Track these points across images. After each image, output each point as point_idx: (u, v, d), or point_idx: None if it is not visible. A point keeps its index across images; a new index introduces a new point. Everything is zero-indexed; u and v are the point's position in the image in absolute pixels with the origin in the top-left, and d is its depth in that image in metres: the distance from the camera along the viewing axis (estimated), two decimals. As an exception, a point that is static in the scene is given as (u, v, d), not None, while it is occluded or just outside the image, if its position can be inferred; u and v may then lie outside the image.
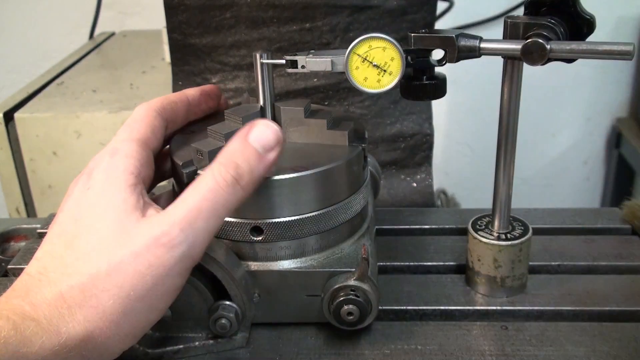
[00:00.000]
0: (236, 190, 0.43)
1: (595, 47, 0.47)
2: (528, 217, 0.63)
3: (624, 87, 1.66)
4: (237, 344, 0.51)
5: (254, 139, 0.45)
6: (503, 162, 0.55)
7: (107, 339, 0.40)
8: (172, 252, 0.41)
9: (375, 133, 0.83)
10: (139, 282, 0.40)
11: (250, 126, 0.45)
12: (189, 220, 0.41)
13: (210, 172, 0.43)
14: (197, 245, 0.42)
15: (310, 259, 0.51)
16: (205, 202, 0.42)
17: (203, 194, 0.42)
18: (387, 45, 0.49)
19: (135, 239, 0.41)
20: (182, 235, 0.41)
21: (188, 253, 0.41)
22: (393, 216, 0.69)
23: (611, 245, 0.63)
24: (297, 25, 0.75)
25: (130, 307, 0.40)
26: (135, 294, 0.40)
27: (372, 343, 0.51)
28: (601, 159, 1.74)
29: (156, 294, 0.41)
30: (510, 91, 0.53)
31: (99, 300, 0.40)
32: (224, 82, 0.80)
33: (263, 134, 0.45)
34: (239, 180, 0.43)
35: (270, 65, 0.52)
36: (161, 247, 0.41)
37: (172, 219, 0.41)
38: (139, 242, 0.41)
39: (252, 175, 0.44)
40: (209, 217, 0.42)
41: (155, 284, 0.41)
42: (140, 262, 0.40)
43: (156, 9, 0.81)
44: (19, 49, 1.61)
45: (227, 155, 0.44)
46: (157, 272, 0.41)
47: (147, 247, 0.41)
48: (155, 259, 0.40)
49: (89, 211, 0.43)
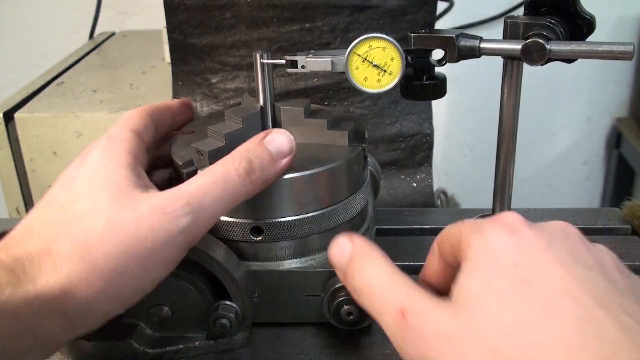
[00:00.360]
0: (246, 182, 0.44)
1: (595, 47, 0.47)
2: (528, 217, 0.62)
3: (624, 87, 1.66)
4: (237, 344, 0.51)
5: (269, 142, 0.46)
6: (503, 162, 0.55)
7: (93, 296, 0.39)
8: (177, 222, 0.40)
9: (375, 133, 0.83)
10: (137, 242, 0.39)
11: (266, 132, 0.47)
12: (197, 196, 0.42)
13: (223, 162, 0.44)
14: (200, 222, 0.42)
15: (310, 259, 0.51)
16: (215, 185, 0.42)
17: (214, 177, 0.43)
18: (387, 45, 0.49)
19: (139, 204, 0.41)
20: (187, 207, 0.41)
21: (191, 227, 0.41)
22: (393, 216, 0.69)
23: (611, 245, 0.62)
24: (297, 25, 0.75)
25: (123, 266, 0.39)
26: (131, 253, 0.39)
27: (372, 343, 0.51)
28: (601, 159, 1.74)
29: (152, 260, 0.40)
30: (510, 91, 0.53)
31: (90, 255, 0.38)
32: (224, 82, 0.80)
33: (278, 139, 0.47)
34: (250, 174, 0.44)
35: (270, 65, 0.52)
36: (166, 215, 0.40)
37: (180, 192, 0.42)
38: (144, 207, 0.40)
39: (263, 173, 0.45)
40: (217, 199, 0.42)
41: (153, 249, 0.40)
42: (142, 224, 0.40)
43: (156, 9, 0.80)
44: (19, 49, 1.61)
45: (241, 150, 0.45)
46: (158, 236, 0.40)
47: (151, 213, 0.40)
48: (159, 224, 0.40)
49: (86, 183, 0.42)
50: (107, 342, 0.49)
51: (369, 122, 0.82)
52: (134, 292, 0.41)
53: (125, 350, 0.49)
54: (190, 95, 0.83)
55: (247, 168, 0.44)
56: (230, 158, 0.44)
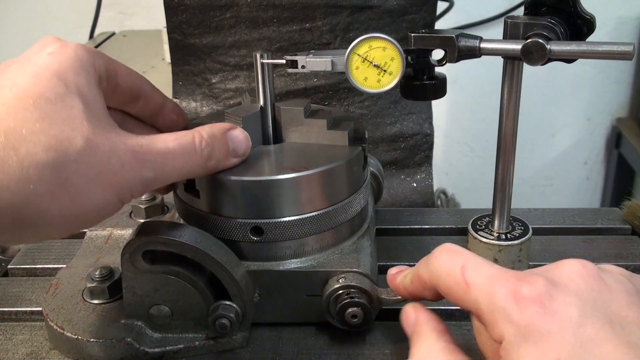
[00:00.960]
0: (201, 166, 0.46)
1: (595, 47, 0.47)
2: (528, 217, 0.63)
3: (624, 87, 1.66)
4: (237, 344, 0.51)
5: (231, 138, 0.48)
6: (503, 162, 0.55)
7: (53, 210, 0.39)
8: (142, 171, 0.42)
9: (375, 133, 0.83)
10: (107, 172, 0.40)
11: (231, 127, 0.49)
12: (162, 160, 0.43)
13: (192, 139, 0.45)
14: (153, 184, 0.43)
15: (310, 259, 0.51)
16: (180, 157, 0.44)
17: (182, 149, 0.44)
18: (387, 45, 0.49)
19: (114, 137, 0.41)
20: (154, 164, 0.43)
21: (148, 183, 0.43)
22: (393, 216, 0.69)
23: (611, 245, 0.63)
24: (297, 25, 0.75)
25: (87, 189, 0.40)
26: (98, 181, 0.40)
27: (372, 343, 0.51)
28: (601, 159, 1.74)
29: (110, 192, 0.41)
30: (510, 91, 0.53)
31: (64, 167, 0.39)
32: (224, 82, 0.80)
33: (239, 139, 0.49)
34: (208, 160, 0.46)
35: (270, 65, 0.52)
36: (137, 160, 0.42)
37: (150, 148, 0.43)
38: (119, 143, 0.41)
39: (215, 164, 0.47)
40: (174, 170, 0.44)
41: (114, 184, 0.41)
42: (115, 157, 0.41)
43: (156, 9, 0.81)
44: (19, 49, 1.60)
45: (208, 134, 0.46)
46: (124, 175, 0.41)
47: (125, 151, 0.41)
48: (129, 166, 0.41)
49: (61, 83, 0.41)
50: (107, 342, 0.49)
51: (369, 122, 0.82)
52: (88, 205, 0.41)
53: (125, 350, 0.49)
54: (190, 95, 0.83)
55: (209, 153, 0.46)
56: (199, 138, 0.46)
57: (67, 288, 0.53)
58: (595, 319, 0.34)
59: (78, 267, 0.56)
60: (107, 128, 0.42)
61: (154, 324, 0.50)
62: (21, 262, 0.62)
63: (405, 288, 0.45)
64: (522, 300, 0.35)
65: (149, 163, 0.42)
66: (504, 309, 0.35)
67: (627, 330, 0.34)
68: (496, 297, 0.36)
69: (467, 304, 0.38)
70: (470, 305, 0.38)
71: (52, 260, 0.62)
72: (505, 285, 0.36)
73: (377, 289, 0.50)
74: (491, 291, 0.37)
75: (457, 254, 0.40)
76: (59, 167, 0.38)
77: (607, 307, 0.35)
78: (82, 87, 0.42)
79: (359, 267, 0.50)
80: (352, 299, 0.49)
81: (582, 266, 0.37)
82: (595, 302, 0.35)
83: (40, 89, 0.40)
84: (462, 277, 0.39)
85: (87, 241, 0.60)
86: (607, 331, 0.33)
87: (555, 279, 0.36)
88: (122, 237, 0.59)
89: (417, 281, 0.43)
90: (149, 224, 0.48)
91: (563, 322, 0.34)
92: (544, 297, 0.35)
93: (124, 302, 0.50)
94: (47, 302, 0.52)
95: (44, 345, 0.52)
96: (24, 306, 0.56)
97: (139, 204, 0.61)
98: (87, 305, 0.52)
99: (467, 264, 0.39)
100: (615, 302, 0.35)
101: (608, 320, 0.34)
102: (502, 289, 0.36)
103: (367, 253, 0.53)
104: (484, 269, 0.38)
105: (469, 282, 0.38)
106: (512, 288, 0.36)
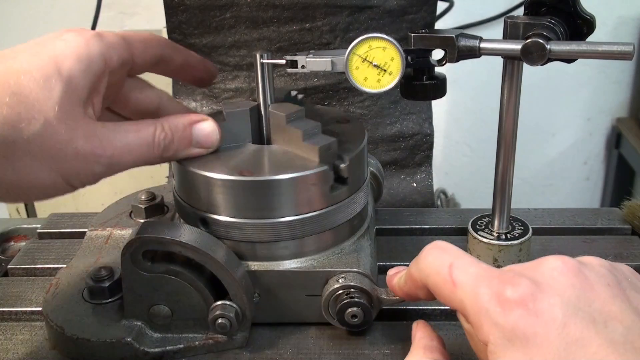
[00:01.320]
0: (157, 155, 0.48)
1: (595, 47, 0.47)
2: (528, 217, 0.63)
3: (624, 87, 1.66)
4: (237, 344, 0.51)
5: (197, 130, 0.50)
6: (503, 162, 0.55)
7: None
8: (93, 166, 0.44)
9: (375, 133, 0.83)
10: (61, 148, 0.42)
11: (202, 118, 0.50)
12: (120, 155, 0.45)
13: (153, 129, 0.47)
14: (106, 173, 0.46)
15: (310, 259, 0.51)
16: (137, 149, 0.46)
17: (140, 142, 0.46)
18: (387, 45, 0.49)
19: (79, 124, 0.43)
20: (108, 160, 0.45)
21: (99, 175, 0.45)
22: (393, 216, 0.69)
23: (611, 245, 0.63)
24: (297, 25, 0.75)
25: (38, 166, 0.42)
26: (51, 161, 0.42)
27: (372, 343, 0.51)
28: (601, 159, 1.74)
29: (59, 174, 0.43)
30: (510, 91, 0.53)
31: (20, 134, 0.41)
32: (224, 82, 0.80)
33: (206, 131, 0.50)
34: (165, 151, 0.48)
35: (270, 65, 0.52)
36: (93, 155, 0.44)
37: (108, 143, 0.45)
38: (79, 132, 0.43)
39: (174, 154, 0.49)
40: (131, 161, 0.46)
41: (68, 161, 0.43)
42: (70, 147, 0.43)
43: (156, 9, 0.80)
44: (19, 49, 1.60)
45: (170, 125, 0.48)
46: (76, 164, 0.43)
47: (84, 143, 0.43)
48: (82, 157, 0.43)
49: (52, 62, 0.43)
50: (107, 342, 0.49)
51: (369, 122, 0.82)
52: (24, 189, 0.44)
53: (125, 350, 0.49)
54: (190, 95, 0.83)
55: (166, 145, 0.48)
56: (160, 129, 0.47)
57: (67, 288, 0.53)
58: (579, 319, 0.34)
59: (78, 267, 0.56)
60: (77, 117, 0.43)
61: (154, 324, 0.50)
62: (21, 262, 0.62)
63: (400, 288, 0.46)
64: (505, 303, 0.35)
65: (105, 159, 0.44)
66: (488, 312, 0.36)
67: (610, 328, 0.34)
68: (480, 299, 0.36)
69: (454, 304, 0.39)
70: (457, 304, 0.38)
71: (52, 260, 0.62)
72: (490, 286, 0.36)
73: (377, 289, 0.50)
74: (476, 292, 0.37)
75: (445, 252, 0.40)
76: (9, 142, 0.41)
77: (590, 304, 0.35)
78: (76, 75, 0.43)
79: (359, 267, 0.50)
80: (352, 299, 0.49)
81: (563, 263, 0.37)
82: (578, 300, 0.35)
83: (32, 67, 0.42)
84: (450, 276, 0.39)
85: (87, 241, 0.60)
86: (591, 330, 0.34)
87: (538, 278, 0.36)
88: (122, 237, 0.59)
89: (410, 280, 0.44)
90: (149, 224, 0.48)
91: (547, 324, 0.34)
92: (527, 299, 0.35)
93: (124, 302, 0.50)
94: (47, 302, 0.52)
95: (44, 345, 0.52)
96: (24, 306, 0.56)
97: (139, 204, 0.61)
98: (87, 305, 0.52)
99: (455, 263, 0.39)
100: (598, 298, 0.35)
101: (591, 319, 0.34)
102: (487, 290, 0.36)
103: (367, 253, 0.53)
104: (471, 268, 0.38)
105: (456, 282, 0.38)
106: (496, 290, 0.36)
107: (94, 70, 0.44)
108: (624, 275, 0.38)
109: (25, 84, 0.41)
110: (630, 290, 0.37)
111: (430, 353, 0.42)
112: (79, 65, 0.43)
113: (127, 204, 0.64)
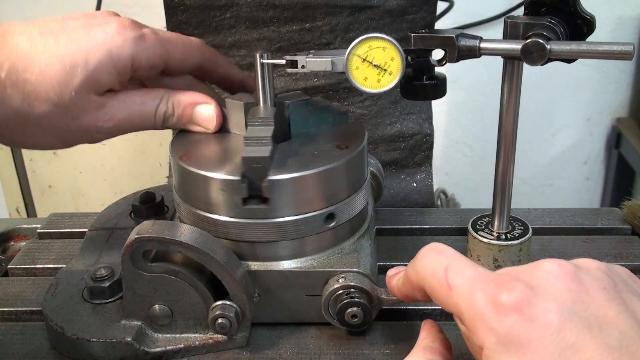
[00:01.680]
0: (156, 125, 0.52)
1: (595, 47, 0.47)
2: (528, 217, 0.63)
3: (624, 87, 1.66)
4: (237, 344, 0.51)
5: (197, 112, 0.53)
6: (503, 162, 0.55)
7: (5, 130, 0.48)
8: (97, 134, 0.50)
9: (375, 133, 0.83)
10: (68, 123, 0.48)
11: (205, 100, 0.53)
12: (120, 126, 0.50)
13: (158, 102, 0.51)
14: (104, 139, 0.51)
15: (310, 259, 0.51)
16: (136, 119, 0.51)
17: (140, 112, 0.50)
18: (387, 45, 0.49)
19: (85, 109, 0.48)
20: (108, 135, 0.50)
21: (100, 139, 0.51)
22: (393, 216, 0.69)
23: (611, 245, 0.63)
24: (297, 25, 0.75)
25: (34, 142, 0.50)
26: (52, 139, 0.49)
27: (372, 343, 0.51)
28: (601, 159, 1.74)
29: (65, 136, 0.49)
30: (510, 91, 0.53)
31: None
32: (224, 82, 0.80)
33: (205, 115, 0.53)
34: (164, 122, 0.52)
35: (270, 65, 0.52)
36: (94, 130, 0.49)
37: (111, 116, 0.49)
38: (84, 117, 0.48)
39: (172, 127, 0.53)
40: (129, 129, 0.51)
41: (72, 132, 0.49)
42: (78, 119, 0.48)
43: (156, 9, 0.80)
44: (19, 49, 1.60)
45: (175, 100, 0.52)
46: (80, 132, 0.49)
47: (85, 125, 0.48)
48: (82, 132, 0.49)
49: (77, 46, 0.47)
50: (107, 342, 0.49)
51: (369, 122, 0.82)
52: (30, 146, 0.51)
53: (125, 350, 0.49)
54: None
55: (166, 118, 0.52)
56: (164, 103, 0.51)
57: (67, 288, 0.53)
58: (574, 323, 0.34)
59: (78, 267, 0.56)
60: (90, 101, 0.48)
61: (154, 324, 0.50)
62: (21, 262, 0.62)
63: (398, 289, 0.45)
64: (501, 308, 0.35)
65: (106, 129, 0.50)
66: (483, 316, 0.35)
67: (605, 333, 0.34)
68: (476, 303, 0.36)
69: (450, 307, 0.38)
70: (453, 308, 0.38)
71: (52, 260, 0.62)
72: (485, 290, 0.36)
73: (377, 289, 0.50)
74: (471, 296, 0.37)
75: (442, 254, 0.40)
76: (24, 116, 0.46)
77: (586, 308, 0.35)
78: (100, 70, 0.47)
79: (359, 267, 0.50)
80: (352, 299, 0.49)
81: (559, 266, 0.37)
82: (574, 305, 0.35)
83: (67, 51, 0.46)
84: (446, 279, 0.38)
85: (87, 241, 0.60)
86: (586, 335, 0.33)
87: (533, 282, 0.36)
88: (122, 237, 0.59)
89: (407, 282, 0.44)
90: (149, 223, 0.48)
91: (542, 330, 0.34)
92: (522, 304, 0.35)
93: (124, 302, 0.50)
94: (47, 302, 0.52)
95: (44, 345, 0.52)
96: (24, 306, 0.56)
97: (139, 204, 0.61)
98: (87, 305, 0.52)
99: (451, 266, 0.39)
100: (594, 302, 0.35)
101: (587, 324, 0.34)
102: (482, 294, 0.36)
103: (367, 253, 0.53)
104: (467, 271, 0.38)
105: (452, 285, 0.38)
106: (492, 294, 0.36)
107: (119, 68, 0.48)
108: (620, 277, 0.38)
109: (52, 66, 0.46)
110: (626, 293, 0.37)
111: (430, 354, 0.42)
112: (106, 60, 0.47)
113: (127, 204, 0.64)
